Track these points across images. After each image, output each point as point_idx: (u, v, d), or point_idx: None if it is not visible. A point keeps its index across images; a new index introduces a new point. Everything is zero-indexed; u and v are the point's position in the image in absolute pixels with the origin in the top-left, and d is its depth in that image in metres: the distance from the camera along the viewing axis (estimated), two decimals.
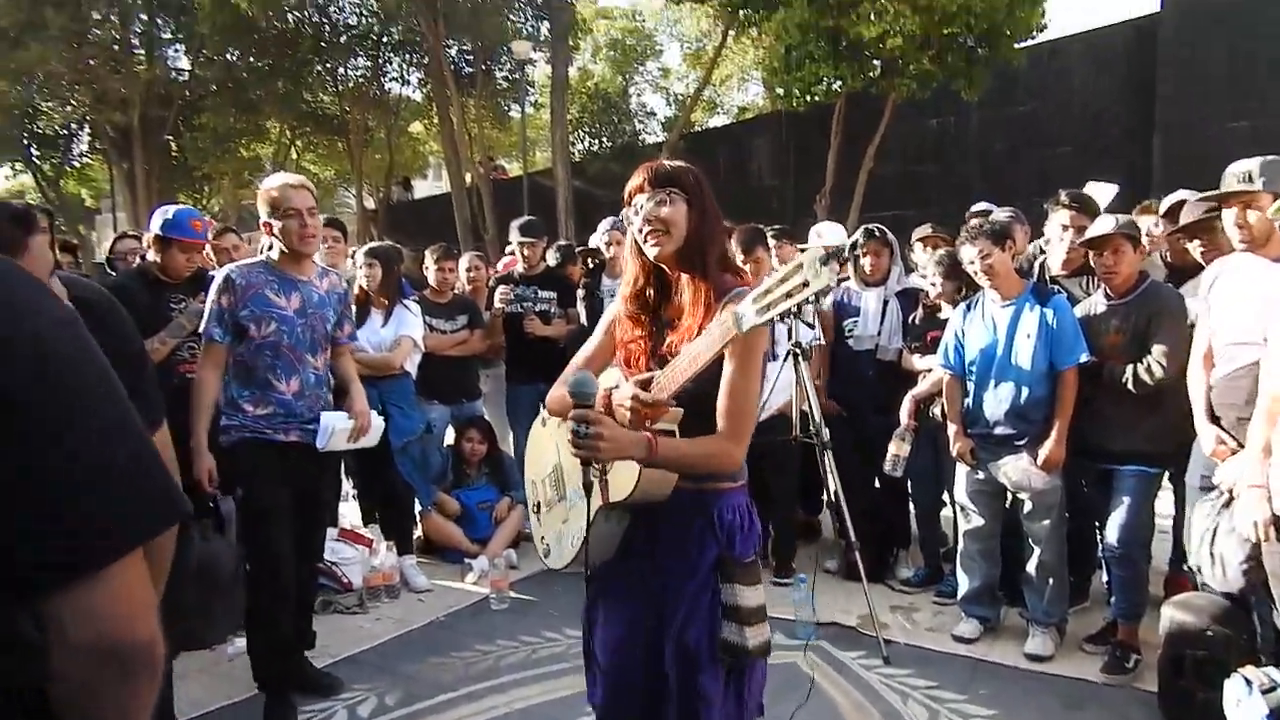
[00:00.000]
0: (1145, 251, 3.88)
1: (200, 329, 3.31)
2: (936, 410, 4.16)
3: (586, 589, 2.04)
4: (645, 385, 1.79)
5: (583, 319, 5.14)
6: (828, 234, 5.15)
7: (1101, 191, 4.71)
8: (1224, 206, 3.10)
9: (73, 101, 20.51)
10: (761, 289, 1.55)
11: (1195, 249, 3.71)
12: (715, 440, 1.83)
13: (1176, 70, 11.94)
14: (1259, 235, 2.99)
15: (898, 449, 4.20)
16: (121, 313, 1.78)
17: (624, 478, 1.82)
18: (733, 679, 1.91)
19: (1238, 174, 3.03)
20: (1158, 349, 3.45)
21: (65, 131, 23.60)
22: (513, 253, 5.75)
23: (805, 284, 1.48)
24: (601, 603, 2.03)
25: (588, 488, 1.81)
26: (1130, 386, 3.48)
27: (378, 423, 3.62)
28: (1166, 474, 3.63)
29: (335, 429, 3.35)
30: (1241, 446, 2.86)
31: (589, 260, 5.71)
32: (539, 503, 2.19)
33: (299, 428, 3.29)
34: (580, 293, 5.30)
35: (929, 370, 4.21)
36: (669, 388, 1.76)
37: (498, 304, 5.28)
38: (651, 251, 1.90)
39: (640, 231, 1.90)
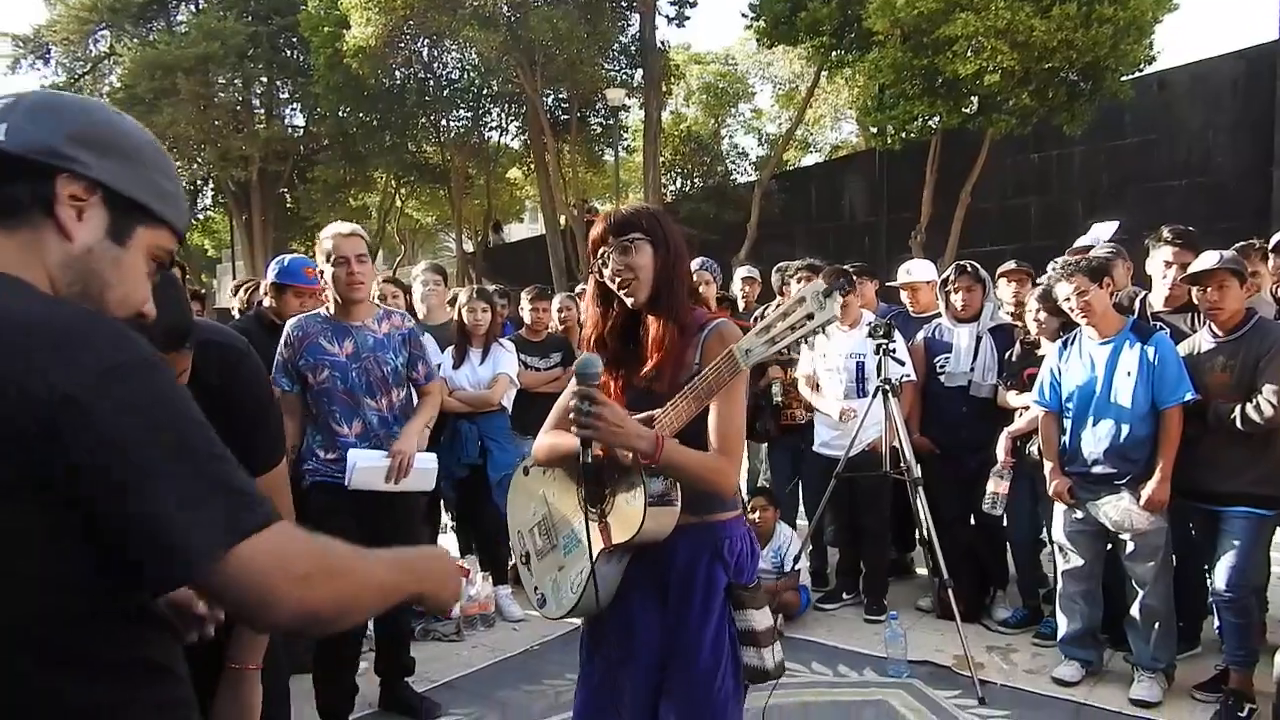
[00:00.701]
0: (1254, 288, 3.75)
1: None
2: (1034, 448, 4.08)
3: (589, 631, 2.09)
4: (648, 424, 1.82)
5: None
6: (917, 271, 5.13)
7: (1104, 230, 4.63)
8: None
9: (199, 160, 21.96)
10: (764, 324, 1.61)
11: None
12: (713, 456, 1.87)
13: None
14: None
15: (997, 487, 4.14)
16: (255, 359, 1.84)
17: (628, 517, 1.84)
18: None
19: None
20: (1269, 388, 3.33)
21: (191, 188, 25.26)
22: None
23: (810, 316, 1.53)
24: (606, 642, 2.04)
25: (586, 469, 1.80)
26: (1239, 425, 3.36)
27: (427, 465, 3.46)
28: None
29: (358, 466, 3.24)
30: None
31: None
32: (528, 553, 2.16)
33: None
34: None
35: (1025, 407, 4.14)
36: (674, 425, 1.80)
37: None
38: (629, 300, 1.94)
39: (613, 282, 1.94)
